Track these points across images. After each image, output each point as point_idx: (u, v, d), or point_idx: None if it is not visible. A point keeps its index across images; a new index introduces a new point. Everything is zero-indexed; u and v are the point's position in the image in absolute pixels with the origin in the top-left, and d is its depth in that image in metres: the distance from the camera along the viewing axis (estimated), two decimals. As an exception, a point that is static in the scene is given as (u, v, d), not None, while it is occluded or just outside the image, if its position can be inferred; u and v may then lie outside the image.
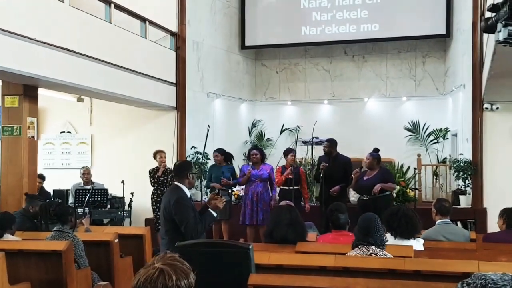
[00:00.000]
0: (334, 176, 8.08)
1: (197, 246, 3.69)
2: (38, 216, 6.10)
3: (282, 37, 11.92)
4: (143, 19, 9.25)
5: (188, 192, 4.75)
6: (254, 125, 12.49)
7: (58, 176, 9.96)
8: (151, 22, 9.40)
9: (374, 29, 11.35)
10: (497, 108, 8.92)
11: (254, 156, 8.36)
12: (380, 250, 3.87)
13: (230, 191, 8.58)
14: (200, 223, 4.58)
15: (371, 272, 3.67)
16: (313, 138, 9.66)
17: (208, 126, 9.37)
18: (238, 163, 11.25)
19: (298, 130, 9.09)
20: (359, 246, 3.90)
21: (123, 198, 9.06)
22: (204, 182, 9.56)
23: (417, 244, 4.55)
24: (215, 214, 4.74)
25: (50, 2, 7.10)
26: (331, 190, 7.99)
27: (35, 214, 6.20)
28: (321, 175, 8.13)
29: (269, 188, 8.40)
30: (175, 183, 4.79)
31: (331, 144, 8.30)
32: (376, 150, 7.83)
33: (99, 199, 8.48)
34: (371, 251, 3.85)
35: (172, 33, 10.05)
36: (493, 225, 7.60)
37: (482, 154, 9.01)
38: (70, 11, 7.45)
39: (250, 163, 8.53)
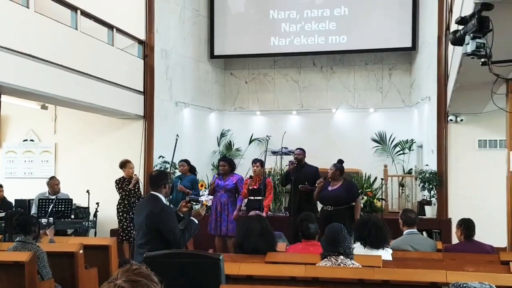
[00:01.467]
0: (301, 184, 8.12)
1: (167, 256, 3.62)
2: None
3: (251, 47, 11.96)
4: (110, 27, 9.12)
5: (165, 202, 4.74)
6: (223, 134, 12.44)
7: (20, 186, 9.69)
8: (119, 30, 9.28)
9: (342, 41, 11.49)
10: (462, 120, 9.12)
11: (222, 167, 8.30)
12: (349, 259, 3.87)
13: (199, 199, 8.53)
14: (186, 231, 4.54)
15: (341, 282, 3.67)
16: (282, 148, 9.67)
17: (177, 135, 9.29)
18: (206, 173, 11.19)
19: (267, 140, 9.09)
20: (328, 257, 3.89)
21: (88, 208, 8.87)
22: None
23: (386, 254, 4.58)
24: (197, 222, 4.72)
25: (14, 8, 6.94)
26: (300, 185, 8.02)
27: None
28: (288, 177, 8.23)
29: (235, 198, 8.32)
30: (152, 192, 4.73)
31: (304, 152, 8.42)
32: (340, 161, 7.91)
33: (63, 209, 8.26)
34: (339, 261, 3.84)
35: (140, 41, 9.94)
36: (458, 235, 7.73)
37: (447, 165, 9.18)
38: (35, 17, 7.29)
39: (216, 174, 8.42)
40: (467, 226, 5.43)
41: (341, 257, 3.85)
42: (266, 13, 11.84)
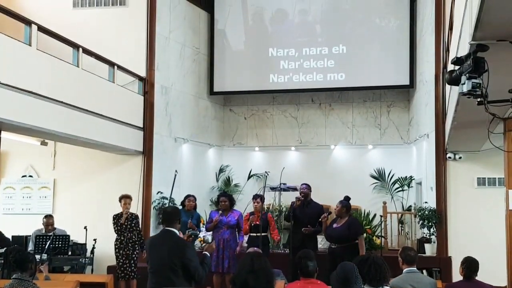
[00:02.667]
0: (306, 222, 8.05)
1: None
2: None
3: (251, 84, 12.08)
4: (111, 64, 9.23)
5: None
6: (221, 170, 12.45)
7: (18, 222, 9.62)
8: (120, 67, 9.40)
9: (341, 78, 11.61)
10: (460, 157, 9.13)
11: (223, 203, 8.21)
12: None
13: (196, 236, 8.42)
14: (205, 266, 4.56)
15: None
16: (280, 184, 9.66)
17: (176, 171, 9.27)
18: (204, 208, 11.14)
19: (266, 176, 9.08)
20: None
21: (85, 244, 8.79)
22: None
23: (385, 293, 4.51)
24: (209, 255, 4.78)
25: (16, 45, 7.04)
26: (303, 228, 7.94)
27: None
28: (291, 213, 8.17)
29: (237, 234, 8.26)
30: (168, 228, 4.72)
31: (309, 187, 8.41)
32: (346, 198, 7.81)
33: (60, 245, 8.18)
34: (350, 301, 3.78)
35: (140, 78, 10.04)
36: (457, 273, 7.64)
37: (446, 202, 9.14)
38: (37, 55, 7.39)
39: (220, 211, 8.27)
40: (468, 266, 5.37)
41: (352, 297, 3.78)
42: (266, 51, 12.00)
